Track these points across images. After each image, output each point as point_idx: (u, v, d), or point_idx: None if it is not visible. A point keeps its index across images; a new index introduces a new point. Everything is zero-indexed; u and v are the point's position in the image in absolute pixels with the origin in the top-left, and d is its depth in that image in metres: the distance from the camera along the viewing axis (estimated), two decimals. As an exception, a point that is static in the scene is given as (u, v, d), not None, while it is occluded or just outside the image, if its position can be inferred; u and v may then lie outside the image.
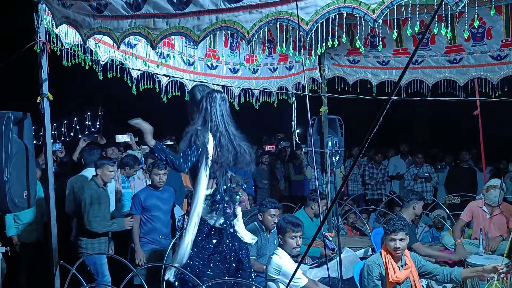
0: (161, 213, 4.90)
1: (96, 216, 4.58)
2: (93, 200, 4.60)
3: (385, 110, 1.73)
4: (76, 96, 13.85)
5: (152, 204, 4.84)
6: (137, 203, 4.85)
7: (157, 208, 4.86)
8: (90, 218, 4.56)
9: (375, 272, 3.63)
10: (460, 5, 2.39)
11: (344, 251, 4.59)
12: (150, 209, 4.84)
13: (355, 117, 9.64)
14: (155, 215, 4.86)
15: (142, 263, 4.70)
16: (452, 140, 11.73)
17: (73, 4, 3.41)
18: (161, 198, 4.90)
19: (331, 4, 2.62)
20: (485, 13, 4.74)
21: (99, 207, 4.63)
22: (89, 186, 4.71)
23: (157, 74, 4.69)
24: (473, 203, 5.31)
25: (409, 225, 4.77)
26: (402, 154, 9.13)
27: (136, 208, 4.85)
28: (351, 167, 2.28)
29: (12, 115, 3.50)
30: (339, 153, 5.93)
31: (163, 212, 4.92)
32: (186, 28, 3.05)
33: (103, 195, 4.72)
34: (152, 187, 4.95)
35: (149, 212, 4.85)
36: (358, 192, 8.73)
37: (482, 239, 4.61)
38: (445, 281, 3.72)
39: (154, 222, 4.87)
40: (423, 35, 3.50)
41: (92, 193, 4.62)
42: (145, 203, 4.84)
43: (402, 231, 3.63)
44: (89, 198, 4.59)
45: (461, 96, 5.68)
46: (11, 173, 3.43)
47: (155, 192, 4.88)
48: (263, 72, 5.81)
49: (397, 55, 5.83)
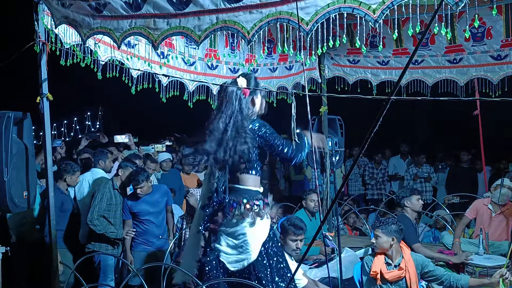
0: (152, 216, 4.85)
1: (99, 214, 4.60)
2: (103, 199, 4.63)
3: (385, 110, 1.73)
4: (76, 96, 13.83)
5: (140, 210, 4.80)
6: (125, 208, 4.81)
7: (146, 213, 4.82)
8: (94, 215, 4.57)
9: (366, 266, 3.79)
10: (460, 5, 2.39)
11: (344, 251, 4.59)
12: (140, 214, 4.81)
13: (355, 117, 9.64)
14: (145, 218, 4.83)
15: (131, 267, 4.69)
16: (452, 140, 11.73)
17: (72, 4, 3.41)
18: (150, 202, 4.83)
19: (331, 4, 2.62)
20: (485, 13, 4.73)
21: (107, 208, 4.66)
22: (105, 184, 4.75)
23: (157, 74, 4.69)
24: (478, 201, 5.30)
25: (413, 224, 4.77)
26: (402, 154, 9.14)
27: (125, 214, 4.82)
28: (351, 167, 2.28)
29: (12, 115, 3.50)
30: (339, 153, 5.93)
31: (154, 215, 4.86)
32: (187, 28, 3.05)
33: (116, 197, 4.75)
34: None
35: (139, 217, 4.83)
36: (358, 192, 8.73)
37: (482, 239, 4.61)
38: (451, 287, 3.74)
39: (145, 225, 4.85)
40: (423, 35, 3.50)
41: (106, 192, 4.67)
42: (133, 209, 4.79)
43: (378, 229, 3.71)
44: (100, 196, 4.63)
45: (461, 96, 5.68)
46: (11, 173, 3.43)
47: (143, 198, 4.80)
48: (263, 72, 5.80)
49: (397, 55, 5.83)
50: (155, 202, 4.89)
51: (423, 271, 3.75)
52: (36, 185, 3.99)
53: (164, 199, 5.04)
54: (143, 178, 4.66)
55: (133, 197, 4.84)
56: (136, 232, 4.84)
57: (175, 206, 5.83)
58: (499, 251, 4.74)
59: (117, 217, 4.78)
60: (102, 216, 4.65)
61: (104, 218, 4.69)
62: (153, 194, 4.87)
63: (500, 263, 4.15)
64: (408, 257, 3.75)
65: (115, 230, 4.71)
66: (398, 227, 3.74)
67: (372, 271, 3.71)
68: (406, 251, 3.80)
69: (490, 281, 3.54)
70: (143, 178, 4.67)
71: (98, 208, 4.62)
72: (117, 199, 4.78)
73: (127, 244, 4.82)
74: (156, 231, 4.91)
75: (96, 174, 5.31)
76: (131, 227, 4.82)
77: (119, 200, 4.79)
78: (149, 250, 4.88)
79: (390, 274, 3.67)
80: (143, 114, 13.26)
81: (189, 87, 5.12)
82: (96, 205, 4.61)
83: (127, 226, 4.80)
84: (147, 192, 4.76)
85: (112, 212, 4.74)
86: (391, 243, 3.70)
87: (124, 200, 4.84)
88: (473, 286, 3.68)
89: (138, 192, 4.71)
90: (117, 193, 4.79)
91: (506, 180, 5.15)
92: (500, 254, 4.64)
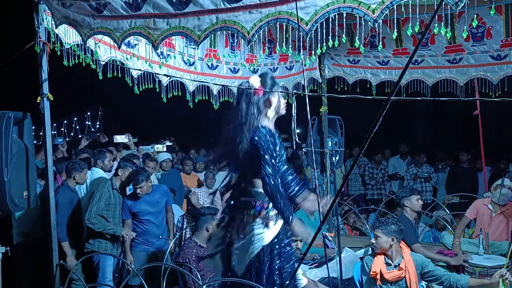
0: (152, 216, 4.84)
1: (97, 213, 4.60)
2: (102, 198, 4.63)
3: (385, 110, 1.73)
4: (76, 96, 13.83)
5: (140, 210, 4.79)
6: (125, 208, 4.80)
7: (146, 213, 4.81)
8: (92, 214, 4.57)
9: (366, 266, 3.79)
10: (460, 5, 2.40)
11: (344, 251, 4.59)
12: (139, 214, 4.81)
13: (355, 117, 9.64)
14: (145, 218, 4.83)
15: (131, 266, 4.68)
16: (452, 140, 11.73)
17: (72, 4, 3.42)
18: (150, 202, 4.82)
19: (331, 4, 2.62)
20: (485, 13, 4.73)
21: (106, 207, 4.66)
22: (104, 184, 4.76)
23: (157, 74, 4.69)
24: (478, 201, 5.30)
25: (412, 224, 4.77)
26: (402, 154, 9.14)
27: (125, 214, 4.81)
28: (351, 167, 2.28)
29: (12, 115, 3.50)
30: (339, 153, 5.93)
31: (153, 215, 4.86)
32: (187, 28, 3.05)
33: (115, 197, 4.74)
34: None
35: (139, 217, 4.83)
36: (358, 192, 8.73)
37: (482, 239, 4.61)
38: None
39: (145, 225, 4.84)
40: (423, 35, 3.50)
41: (104, 191, 4.67)
42: (132, 209, 4.79)
43: (378, 229, 3.72)
44: (99, 196, 4.63)
45: (461, 96, 5.68)
46: (11, 173, 3.43)
47: (142, 197, 4.80)
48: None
49: (397, 55, 5.83)
50: (155, 202, 4.88)
51: (423, 271, 3.75)
52: (36, 185, 3.99)
53: (164, 199, 5.03)
54: (143, 178, 4.65)
55: (133, 197, 4.83)
56: (136, 232, 4.83)
57: (175, 206, 5.83)
58: (499, 251, 4.74)
59: (116, 216, 4.76)
60: (100, 215, 4.65)
61: (103, 218, 4.69)
62: (153, 194, 4.87)
63: (500, 263, 4.15)
64: (408, 257, 3.75)
65: (113, 227, 4.68)
66: (398, 227, 3.74)
67: (372, 271, 3.71)
68: (406, 251, 3.80)
69: (490, 281, 3.54)
70: (143, 178, 4.66)
71: (96, 207, 4.60)
72: (116, 199, 4.77)
73: (127, 244, 4.81)
74: (156, 231, 4.90)
75: (95, 173, 5.31)
76: (131, 227, 4.82)
77: (118, 200, 4.79)
78: (149, 250, 4.88)
79: (390, 274, 3.67)
80: (143, 114, 13.28)
81: (189, 87, 5.12)
82: (94, 205, 4.60)
83: (126, 226, 4.79)
84: (147, 192, 4.75)
85: (111, 212, 4.73)
86: (391, 243, 3.70)
87: (124, 200, 4.84)
88: (473, 286, 3.68)
89: (138, 192, 4.71)
90: (116, 193, 4.78)
91: (506, 180, 5.15)
92: (500, 254, 4.64)
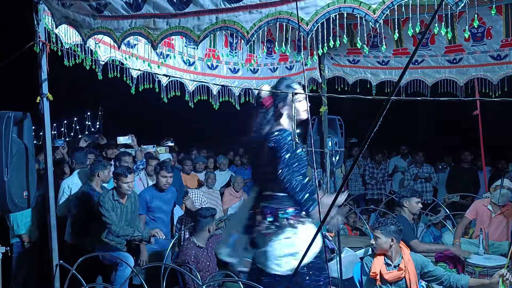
0: (163, 214, 4.91)
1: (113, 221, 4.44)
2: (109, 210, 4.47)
3: (385, 110, 1.73)
4: (76, 96, 13.84)
5: (156, 206, 4.84)
6: (142, 203, 4.82)
7: (160, 210, 4.86)
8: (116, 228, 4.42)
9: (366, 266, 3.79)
10: (460, 5, 2.39)
11: (344, 251, 4.59)
12: (154, 210, 4.84)
13: (355, 117, 9.64)
14: (157, 216, 4.86)
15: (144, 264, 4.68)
16: (452, 140, 11.73)
17: (72, 4, 3.41)
18: (164, 200, 4.89)
19: (331, 4, 2.61)
20: (485, 13, 4.73)
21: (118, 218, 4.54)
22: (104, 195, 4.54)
23: (157, 74, 4.69)
24: (478, 202, 5.31)
25: (410, 224, 4.77)
26: (402, 154, 9.15)
27: (142, 208, 4.82)
28: (351, 167, 2.28)
29: (12, 115, 3.50)
30: (339, 153, 5.92)
31: (165, 213, 4.93)
32: (186, 28, 3.05)
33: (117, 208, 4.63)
34: (156, 188, 4.92)
35: (152, 214, 4.85)
36: (358, 192, 8.72)
37: (482, 239, 4.60)
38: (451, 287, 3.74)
39: (156, 223, 4.86)
40: (423, 35, 3.50)
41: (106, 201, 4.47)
42: (150, 203, 4.82)
43: (377, 230, 3.72)
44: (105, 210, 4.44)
45: (461, 96, 5.68)
46: (11, 173, 3.43)
47: (159, 194, 4.85)
48: (263, 72, 5.80)
49: (397, 55, 5.83)
50: (167, 201, 4.95)
51: (423, 271, 3.75)
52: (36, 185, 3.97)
53: (173, 200, 5.10)
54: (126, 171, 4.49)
55: (150, 191, 4.90)
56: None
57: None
58: (499, 251, 4.75)
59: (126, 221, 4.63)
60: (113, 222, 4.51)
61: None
62: (167, 192, 4.93)
63: (500, 263, 4.15)
64: (408, 257, 3.75)
65: (139, 233, 4.53)
66: (397, 228, 3.74)
67: (371, 271, 3.71)
68: (405, 251, 3.80)
69: (490, 281, 3.54)
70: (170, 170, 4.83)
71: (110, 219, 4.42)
72: (118, 210, 4.63)
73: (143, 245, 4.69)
74: (163, 229, 4.89)
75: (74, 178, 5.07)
76: (144, 222, 4.82)
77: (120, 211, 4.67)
78: (155, 249, 4.86)
79: (390, 275, 3.67)
80: (143, 114, 13.28)
81: (189, 87, 5.12)
82: (108, 218, 4.42)
83: (141, 221, 4.77)
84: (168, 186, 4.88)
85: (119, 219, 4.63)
86: (391, 244, 3.70)
87: (141, 195, 4.84)
88: (473, 286, 3.68)
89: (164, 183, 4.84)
90: (118, 203, 4.60)
91: (506, 180, 5.15)
92: (500, 254, 4.65)
